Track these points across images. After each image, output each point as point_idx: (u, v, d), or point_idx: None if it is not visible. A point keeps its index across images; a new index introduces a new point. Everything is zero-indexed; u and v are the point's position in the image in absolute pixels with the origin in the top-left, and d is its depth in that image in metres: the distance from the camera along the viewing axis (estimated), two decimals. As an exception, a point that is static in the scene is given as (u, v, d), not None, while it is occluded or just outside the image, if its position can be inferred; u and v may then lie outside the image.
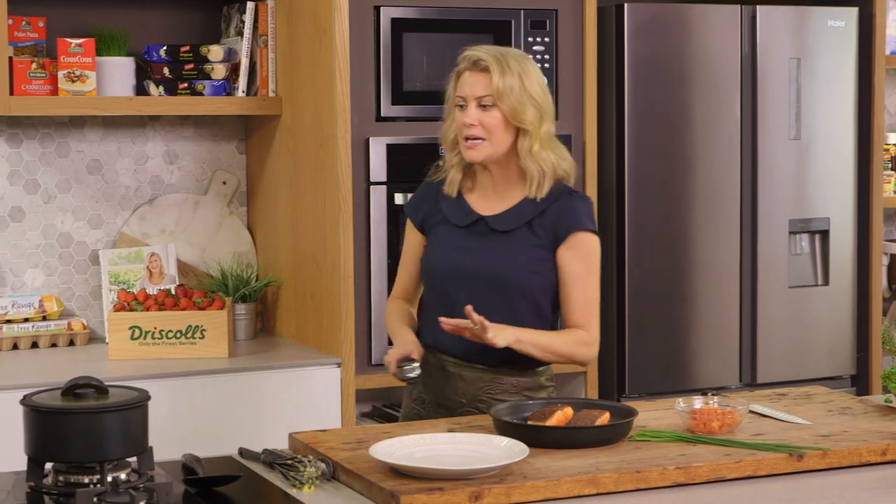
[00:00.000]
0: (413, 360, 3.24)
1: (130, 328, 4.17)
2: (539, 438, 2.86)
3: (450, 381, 3.32)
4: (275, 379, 4.13)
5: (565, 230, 3.26)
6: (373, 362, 4.28)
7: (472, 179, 3.36)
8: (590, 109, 4.57)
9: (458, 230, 3.32)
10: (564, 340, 3.25)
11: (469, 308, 3.10)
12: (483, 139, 3.22)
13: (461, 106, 3.25)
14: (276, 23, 4.51)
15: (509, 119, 3.21)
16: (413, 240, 3.45)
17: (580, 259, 3.28)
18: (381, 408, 4.56)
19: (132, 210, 4.65)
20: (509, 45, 4.41)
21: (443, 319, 3.15)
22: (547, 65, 4.47)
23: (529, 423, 2.95)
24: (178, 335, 4.16)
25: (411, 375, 3.23)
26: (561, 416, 2.98)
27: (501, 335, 3.13)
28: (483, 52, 3.24)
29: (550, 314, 3.34)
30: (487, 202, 3.33)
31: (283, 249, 4.56)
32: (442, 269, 3.32)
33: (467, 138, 3.24)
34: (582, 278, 3.28)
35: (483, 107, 3.22)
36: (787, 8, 4.81)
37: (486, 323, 3.09)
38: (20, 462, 2.65)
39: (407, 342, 3.30)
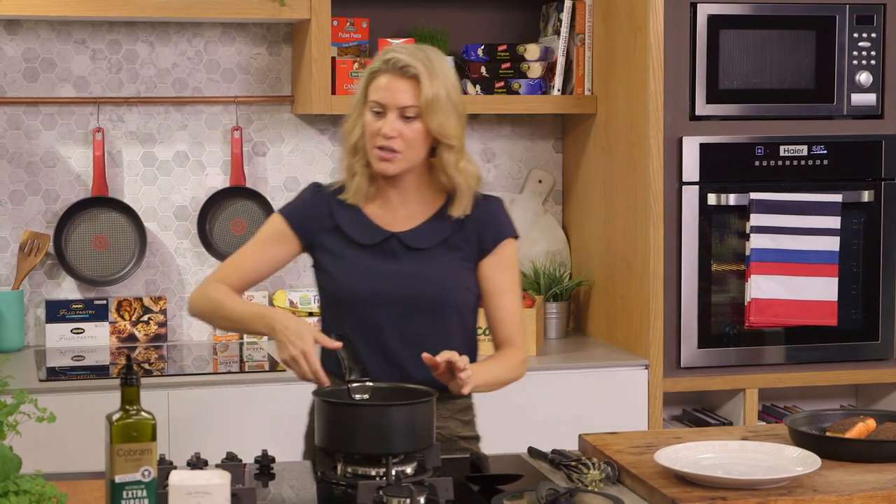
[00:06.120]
0: (365, 376, 2.80)
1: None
2: (836, 450, 2.76)
3: None
4: (580, 378, 4.11)
5: (492, 241, 2.99)
6: (682, 365, 4.21)
7: (374, 188, 3.01)
8: (919, 109, 4.36)
9: (364, 250, 2.97)
10: (507, 367, 2.95)
11: (437, 358, 2.72)
12: (399, 152, 2.91)
13: (378, 112, 2.92)
14: (594, 21, 4.49)
15: (432, 133, 2.91)
16: (282, 244, 3.03)
17: (506, 269, 3.00)
18: (692, 412, 4.47)
19: (449, 207, 4.71)
20: (833, 42, 4.26)
21: (426, 356, 2.74)
22: (873, 61, 4.29)
23: (828, 434, 2.85)
24: (487, 332, 4.18)
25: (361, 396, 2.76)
26: (862, 428, 2.86)
27: (471, 382, 2.75)
28: (407, 54, 2.90)
29: (474, 330, 3.06)
30: (393, 216, 3.00)
31: (595, 249, 4.53)
32: (361, 296, 2.94)
33: (381, 148, 2.91)
34: (510, 289, 3.00)
35: (405, 118, 2.90)
36: None
37: (467, 364, 2.74)
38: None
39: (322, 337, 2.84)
